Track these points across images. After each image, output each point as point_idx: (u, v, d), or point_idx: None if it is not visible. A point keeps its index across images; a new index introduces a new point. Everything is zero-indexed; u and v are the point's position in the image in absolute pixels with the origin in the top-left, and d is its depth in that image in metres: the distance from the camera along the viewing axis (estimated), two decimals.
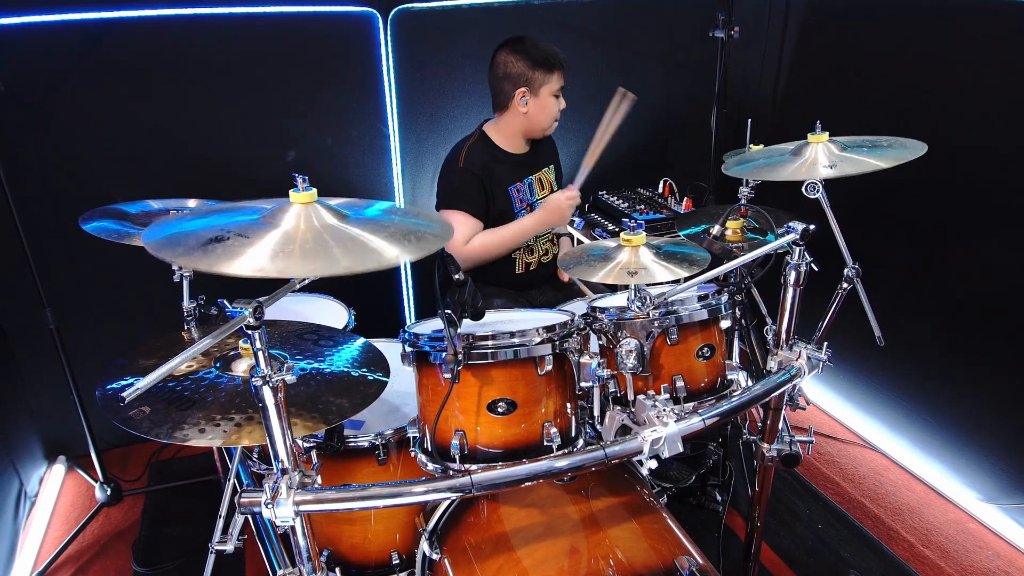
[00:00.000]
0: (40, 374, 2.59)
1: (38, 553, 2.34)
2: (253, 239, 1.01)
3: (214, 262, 0.96)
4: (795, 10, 2.90)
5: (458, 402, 1.38)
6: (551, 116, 2.31)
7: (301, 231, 1.05)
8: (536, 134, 2.36)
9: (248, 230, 1.04)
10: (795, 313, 1.51)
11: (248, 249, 0.99)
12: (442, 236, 1.17)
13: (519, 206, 2.35)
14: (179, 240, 1.05)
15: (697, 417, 1.28)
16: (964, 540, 2.29)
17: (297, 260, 0.99)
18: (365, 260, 1.02)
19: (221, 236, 1.02)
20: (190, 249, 1.00)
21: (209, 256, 0.98)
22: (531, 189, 2.39)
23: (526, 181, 2.38)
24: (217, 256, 0.98)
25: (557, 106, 2.30)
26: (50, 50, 2.33)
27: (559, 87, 2.28)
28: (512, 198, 2.34)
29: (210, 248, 0.99)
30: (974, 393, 2.35)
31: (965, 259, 2.33)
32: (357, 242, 1.06)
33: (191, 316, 1.89)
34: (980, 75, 2.19)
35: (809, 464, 2.66)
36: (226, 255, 0.98)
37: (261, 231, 1.04)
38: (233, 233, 1.03)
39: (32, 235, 2.11)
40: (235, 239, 1.01)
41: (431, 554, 1.50)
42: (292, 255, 1.00)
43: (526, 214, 2.36)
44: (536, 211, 2.33)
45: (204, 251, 0.99)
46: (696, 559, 1.35)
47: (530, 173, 2.40)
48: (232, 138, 2.68)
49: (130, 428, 1.21)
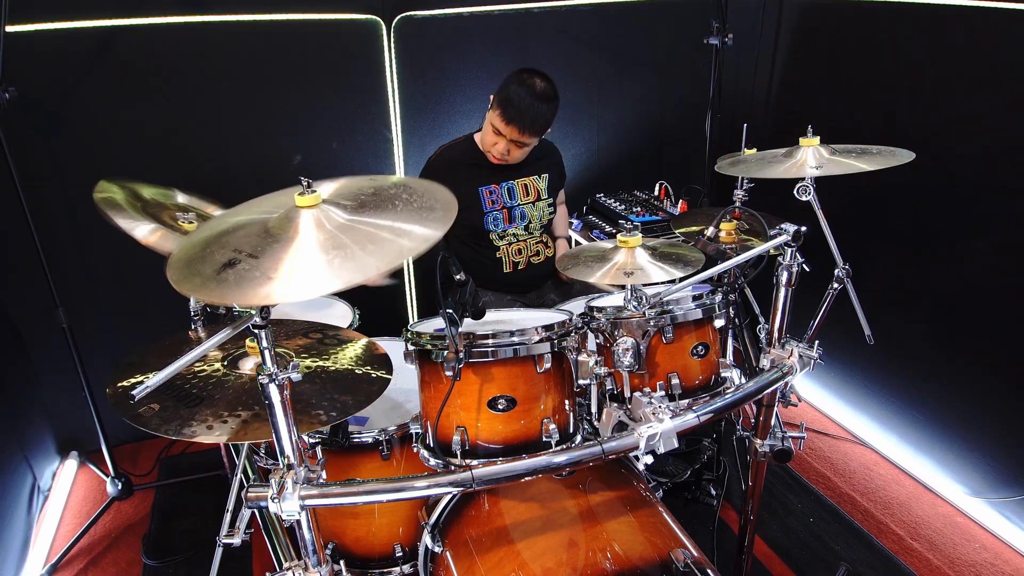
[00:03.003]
0: (53, 372, 2.59)
1: (51, 546, 2.33)
2: (264, 260, 0.97)
3: (237, 293, 0.93)
4: (787, 18, 2.90)
5: (459, 399, 1.38)
6: (485, 142, 2.28)
7: (320, 240, 1.00)
8: (482, 148, 2.33)
9: (259, 248, 1.00)
10: (787, 312, 1.51)
11: (272, 273, 0.95)
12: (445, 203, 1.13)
13: (490, 207, 2.35)
14: (195, 271, 1.00)
15: (692, 414, 1.28)
16: (952, 533, 2.29)
17: (324, 274, 0.95)
18: (396, 255, 0.98)
19: (233, 260, 0.98)
20: (207, 280, 0.96)
21: (226, 286, 0.94)
22: (511, 193, 2.38)
23: (504, 185, 2.37)
24: (238, 284, 0.94)
25: (492, 140, 2.23)
26: (63, 56, 2.33)
27: (498, 128, 2.18)
28: (482, 199, 2.34)
29: (223, 276, 0.96)
30: (961, 390, 2.35)
31: (952, 260, 2.33)
32: (377, 237, 1.02)
33: (199, 316, 1.89)
34: (967, 81, 2.19)
35: (801, 459, 2.66)
36: (249, 282, 0.94)
37: (274, 248, 0.99)
38: (245, 254, 0.98)
39: (45, 236, 2.11)
40: (246, 260, 0.97)
41: (433, 547, 1.50)
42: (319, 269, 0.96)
43: (500, 216, 2.37)
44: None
45: (218, 280, 0.95)
46: (691, 551, 1.35)
47: (512, 178, 2.39)
48: (239, 142, 2.67)
49: (140, 425, 1.21)
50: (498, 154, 2.26)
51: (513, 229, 2.41)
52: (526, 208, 2.41)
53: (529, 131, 2.18)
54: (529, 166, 2.41)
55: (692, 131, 3.06)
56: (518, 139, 2.20)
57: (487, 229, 2.37)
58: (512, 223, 2.40)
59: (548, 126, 2.24)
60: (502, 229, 2.39)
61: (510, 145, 2.23)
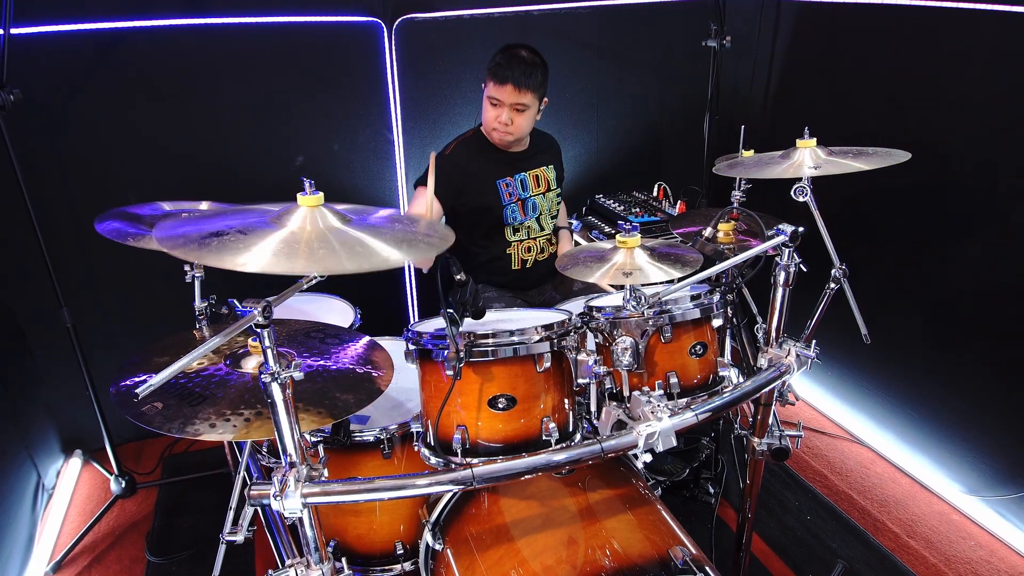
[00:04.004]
0: (57, 371, 2.59)
1: (55, 543, 2.33)
2: (252, 236, 1.06)
3: (218, 257, 1.00)
4: (785, 21, 2.90)
5: (460, 398, 1.38)
6: (488, 121, 2.25)
7: (307, 232, 1.09)
8: (487, 133, 2.31)
9: (251, 228, 1.09)
10: (784, 312, 1.51)
11: (254, 246, 1.04)
12: (439, 239, 1.20)
13: (508, 199, 2.35)
14: (186, 236, 1.10)
15: (690, 412, 1.28)
16: (947, 531, 2.29)
17: (303, 259, 1.03)
18: (369, 260, 1.06)
19: (221, 232, 1.07)
20: (189, 242, 1.06)
21: (210, 250, 1.02)
22: (524, 184, 2.38)
23: (517, 177, 2.37)
24: (218, 250, 1.02)
25: (494, 113, 2.20)
26: (66, 58, 2.33)
27: (494, 96, 2.17)
28: (500, 191, 2.34)
29: (207, 242, 1.04)
30: (958, 389, 2.35)
31: (948, 260, 2.33)
32: (360, 243, 1.09)
33: (202, 315, 1.89)
34: (961, 84, 2.19)
35: (798, 458, 2.66)
36: (229, 250, 1.01)
37: (268, 231, 1.07)
38: (235, 231, 1.08)
39: (49, 237, 2.11)
40: (234, 235, 1.06)
41: (434, 544, 1.50)
42: (297, 254, 1.03)
43: (516, 208, 2.37)
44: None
45: (201, 244, 1.04)
46: (689, 549, 1.35)
47: (524, 169, 2.39)
48: (242, 143, 2.67)
49: (144, 423, 1.21)
50: (501, 126, 2.22)
51: (528, 221, 2.41)
52: (537, 199, 2.41)
53: (524, 85, 2.15)
54: (537, 157, 2.42)
55: (690, 132, 3.06)
56: (516, 100, 2.17)
57: (506, 223, 2.37)
58: (527, 215, 2.40)
59: (542, 86, 2.21)
60: (519, 222, 2.39)
61: (511, 112, 2.19)
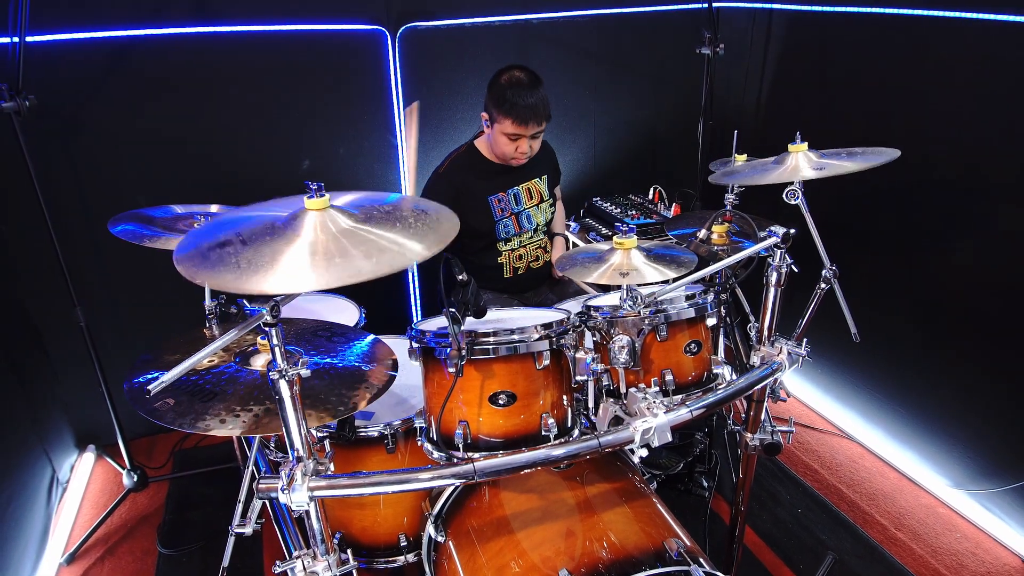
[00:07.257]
0: (71, 369, 2.59)
1: (69, 535, 2.34)
2: (249, 249, 0.98)
3: (209, 274, 0.94)
4: (776, 29, 2.90)
5: (462, 395, 1.38)
6: (506, 153, 2.24)
7: (322, 241, 1.00)
8: (501, 159, 2.30)
9: (258, 239, 1.00)
10: (776, 311, 1.51)
11: (275, 266, 0.95)
12: (448, 220, 1.14)
13: (499, 215, 2.34)
14: (199, 253, 1.01)
15: (685, 408, 1.28)
16: (934, 523, 2.29)
17: (322, 270, 0.95)
18: (391, 262, 0.97)
19: (226, 242, 0.99)
20: (195, 253, 0.99)
21: (206, 263, 0.96)
22: (517, 199, 2.37)
23: (510, 191, 2.36)
24: (213, 265, 0.95)
25: (513, 147, 2.20)
26: (80, 65, 2.33)
27: (514, 133, 2.16)
28: (492, 207, 2.33)
29: (210, 253, 0.97)
30: (944, 386, 2.35)
31: (934, 261, 2.33)
32: (378, 244, 1.01)
33: (212, 314, 1.88)
34: (949, 88, 2.19)
35: (790, 452, 2.66)
36: (224, 265, 0.95)
37: (279, 242, 0.99)
38: (239, 240, 0.99)
39: (63, 238, 2.11)
40: (236, 245, 0.98)
41: (437, 536, 1.50)
42: (317, 266, 0.95)
43: (510, 222, 2.36)
44: None
45: (203, 256, 0.98)
46: (684, 541, 1.35)
47: (516, 183, 2.37)
48: (250, 148, 2.67)
49: (155, 419, 1.21)
50: (523, 156, 2.25)
51: (521, 235, 2.40)
52: (531, 212, 2.40)
53: (544, 118, 2.19)
54: (531, 168, 2.40)
55: (685, 137, 3.06)
56: (537, 131, 2.20)
57: (498, 237, 2.36)
58: (521, 228, 2.39)
59: (548, 106, 2.24)
60: (512, 234, 2.38)
61: (531, 141, 2.22)
